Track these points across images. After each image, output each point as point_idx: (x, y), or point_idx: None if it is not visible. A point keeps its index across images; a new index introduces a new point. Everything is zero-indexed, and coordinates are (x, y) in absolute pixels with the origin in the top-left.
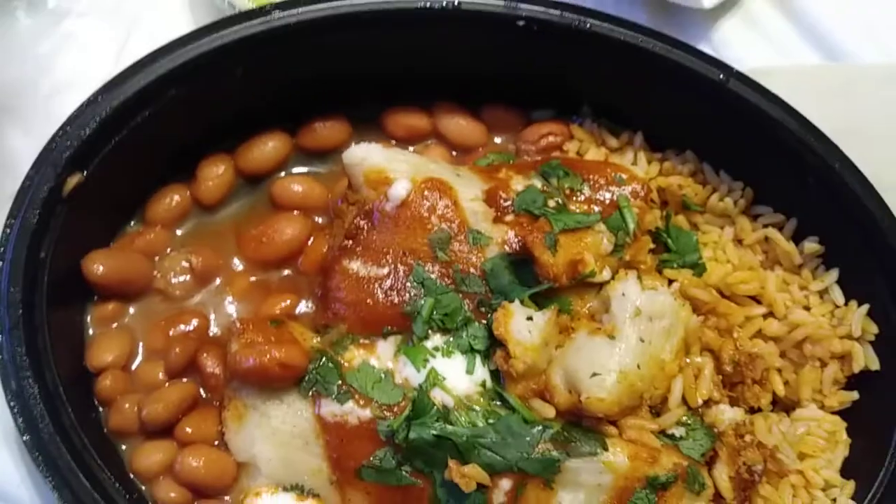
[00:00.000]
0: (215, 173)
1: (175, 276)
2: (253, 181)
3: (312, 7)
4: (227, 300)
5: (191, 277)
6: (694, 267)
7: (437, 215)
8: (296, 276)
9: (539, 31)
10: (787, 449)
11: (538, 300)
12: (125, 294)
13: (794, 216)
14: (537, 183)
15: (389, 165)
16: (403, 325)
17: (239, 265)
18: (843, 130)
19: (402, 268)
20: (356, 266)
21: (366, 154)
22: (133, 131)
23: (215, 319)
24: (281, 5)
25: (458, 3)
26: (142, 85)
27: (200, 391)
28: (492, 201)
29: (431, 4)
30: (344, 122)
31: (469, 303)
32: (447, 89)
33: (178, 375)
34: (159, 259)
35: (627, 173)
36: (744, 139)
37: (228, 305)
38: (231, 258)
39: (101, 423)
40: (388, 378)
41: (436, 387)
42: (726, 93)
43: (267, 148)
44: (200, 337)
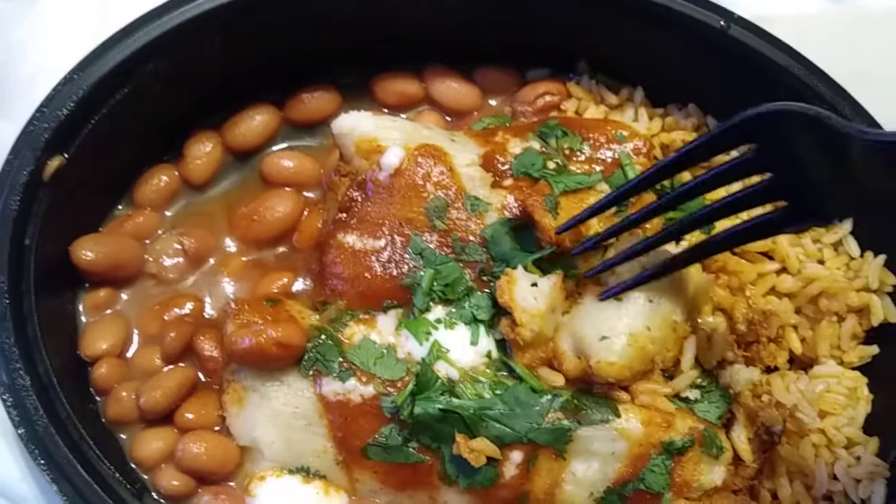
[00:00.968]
0: (203, 151)
1: (168, 258)
2: (242, 157)
3: None
4: (221, 281)
5: (184, 260)
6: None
7: (433, 183)
8: (291, 252)
9: None
10: (806, 407)
11: (542, 265)
12: (117, 280)
13: None
14: (535, 145)
15: (380, 133)
16: (403, 298)
17: (232, 245)
18: (850, 74)
19: (400, 239)
20: (352, 239)
21: (355, 123)
22: (113, 109)
23: (211, 301)
24: None
25: None
26: (118, 60)
27: (199, 375)
28: (489, 166)
29: None
30: (333, 92)
31: (470, 272)
32: (438, 52)
33: (175, 360)
34: (150, 242)
35: (628, 130)
36: (748, 89)
37: (224, 286)
38: (224, 238)
39: (98, 413)
40: (390, 353)
41: (440, 360)
42: (728, 40)
43: (254, 122)
44: (196, 320)
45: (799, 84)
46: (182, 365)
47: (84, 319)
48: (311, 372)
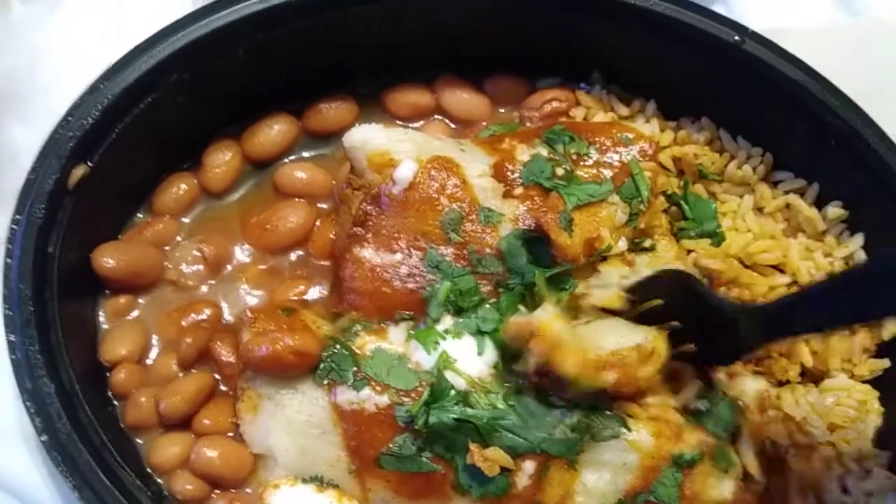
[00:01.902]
0: (222, 160)
1: (187, 265)
2: (259, 165)
3: None
4: (239, 287)
5: (203, 266)
6: (712, 236)
7: (447, 195)
8: (307, 257)
9: None
10: (815, 420)
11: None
12: (137, 286)
13: (816, 181)
14: (543, 151)
15: (392, 147)
16: (419, 310)
17: (248, 251)
18: (863, 88)
19: (416, 252)
20: (368, 254)
21: (367, 136)
22: (136, 119)
23: (228, 307)
24: None
25: None
26: (142, 71)
27: (217, 381)
28: (499, 175)
29: None
30: (350, 103)
31: (486, 284)
32: (452, 62)
33: (191, 366)
34: (170, 249)
35: (633, 132)
36: (762, 103)
37: (241, 293)
38: (240, 244)
39: (116, 418)
40: (402, 363)
41: (447, 369)
42: (742, 54)
43: (273, 132)
44: (213, 326)
45: (812, 99)
46: (200, 370)
47: (104, 325)
48: (326, 381)
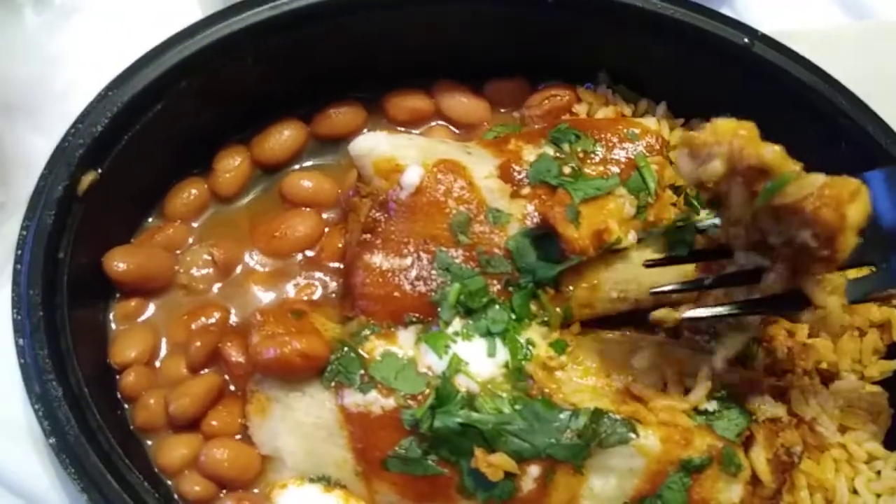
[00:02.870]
0: (232, 165)
1: (197, 269)
2: (269, 170)
3: None
4: (248, 290)
5: (213, 270)
6: None
7: (454, 198)
8: (317, 258)
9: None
10: (826, 421)
11: (566, 272)
12: (148, 290)
13: None
14: (549, 150)
15: (398, 153)
16: (430, 314)
17: (257, 255)
18: (872, 91)
19: (426, 256)
20: (378, 260)
21: (373, 144)
22: (146, 125)
23: (237, 310)
24: None
25: None
26: (151, 78)
27: (227, 383)
28: (506, 176)
29: None
30: (358, 108)
31: (497, 284)
32: (452, 67)
33: (200, 369)
34: (181, 253)
35: (639, 127)
36: (772, 105)
37: (250, 295)
38: (249, 248)
39: (126, 421)
40: (410, 366)
41: (459, 373)
42: (752, 56)
43: (282, 137)
44: (221, 329)
45: (822, 100)
46: (209, 372)
47: (114, 328)
48: (334, 383)
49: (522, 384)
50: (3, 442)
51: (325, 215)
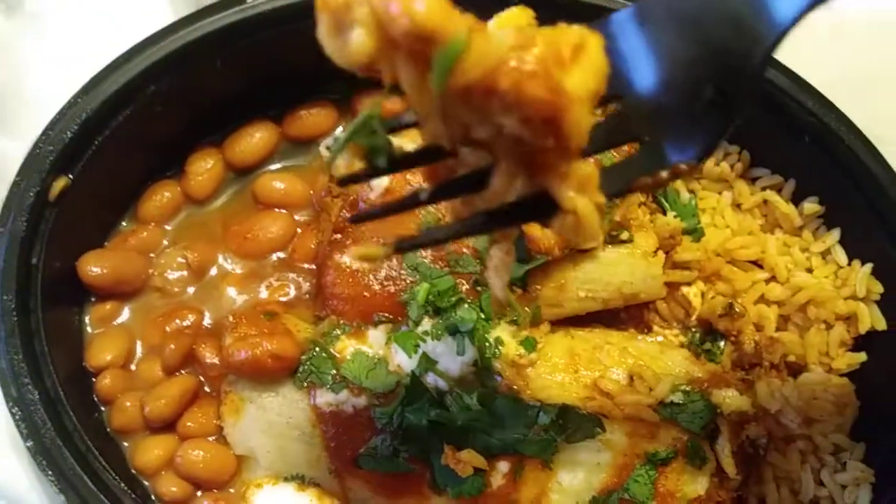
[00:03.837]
0: (204, 167)
1: (172, 272)
2: (241, 172)
3: None
4: (223, 292)
5: (187, 272)
6: (692, 232)
7: None
8: (289, 260)
9: None
10: (791, 413)
11: (533, 272)
12: (122, 293)
13: (792, 177)
14: None
15: None
16: (400, 313)
17: (230, 257)
18: (833, 81)
19: (395, 256)
20: (348, 259)
21: None
22: (116, 130)
23: (212, 312)
24: None
25: None
26: (120, 84)
27: (202, 385)
28: None
29: None
30: (329, 109)
31: (465, 283)
32: None
33: (175, 371)
34: (154, 256)
35: None
36: None
37: (224, 297)
38: (222, 250)
39: (102, 423)
40: (381, 365)
41: (429, 371)
42: None
43: (254, 139)
44: (195, 331)
45: (785, 96)
46: (184, 374)
47: (90, 331)
48: (306, 383)
49: (491, 382)
50: None
51: (297, 216)
